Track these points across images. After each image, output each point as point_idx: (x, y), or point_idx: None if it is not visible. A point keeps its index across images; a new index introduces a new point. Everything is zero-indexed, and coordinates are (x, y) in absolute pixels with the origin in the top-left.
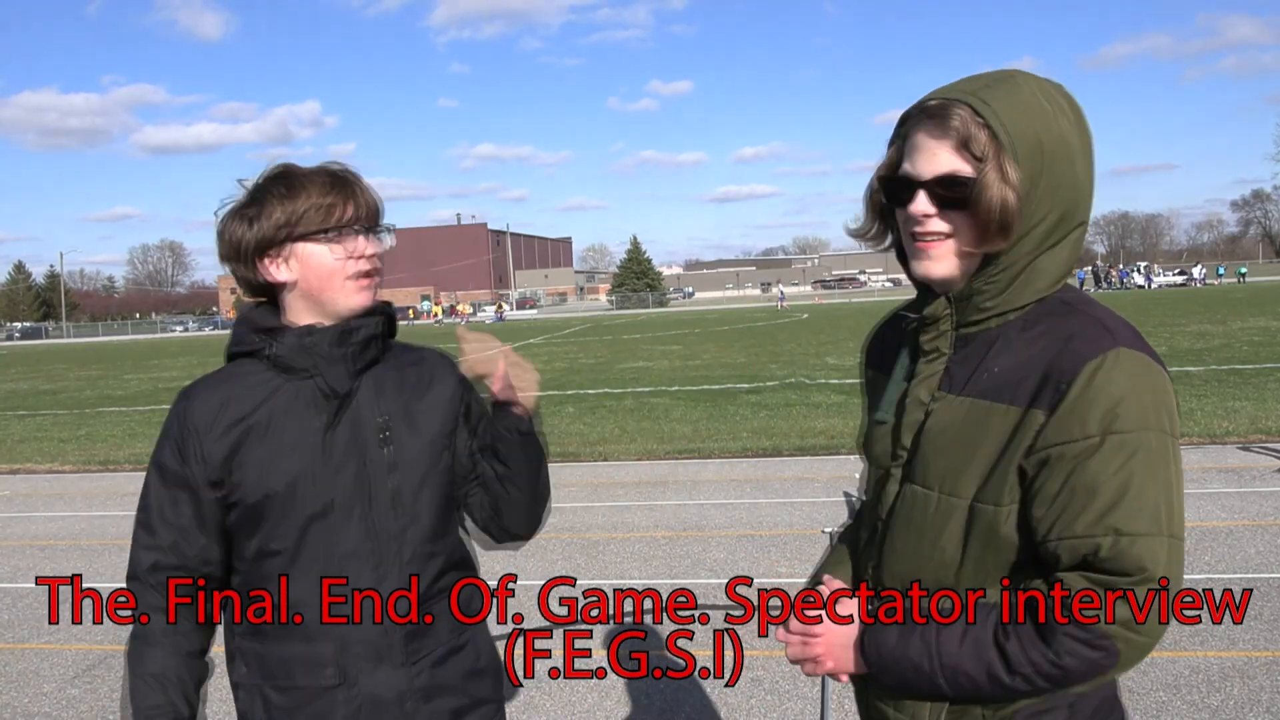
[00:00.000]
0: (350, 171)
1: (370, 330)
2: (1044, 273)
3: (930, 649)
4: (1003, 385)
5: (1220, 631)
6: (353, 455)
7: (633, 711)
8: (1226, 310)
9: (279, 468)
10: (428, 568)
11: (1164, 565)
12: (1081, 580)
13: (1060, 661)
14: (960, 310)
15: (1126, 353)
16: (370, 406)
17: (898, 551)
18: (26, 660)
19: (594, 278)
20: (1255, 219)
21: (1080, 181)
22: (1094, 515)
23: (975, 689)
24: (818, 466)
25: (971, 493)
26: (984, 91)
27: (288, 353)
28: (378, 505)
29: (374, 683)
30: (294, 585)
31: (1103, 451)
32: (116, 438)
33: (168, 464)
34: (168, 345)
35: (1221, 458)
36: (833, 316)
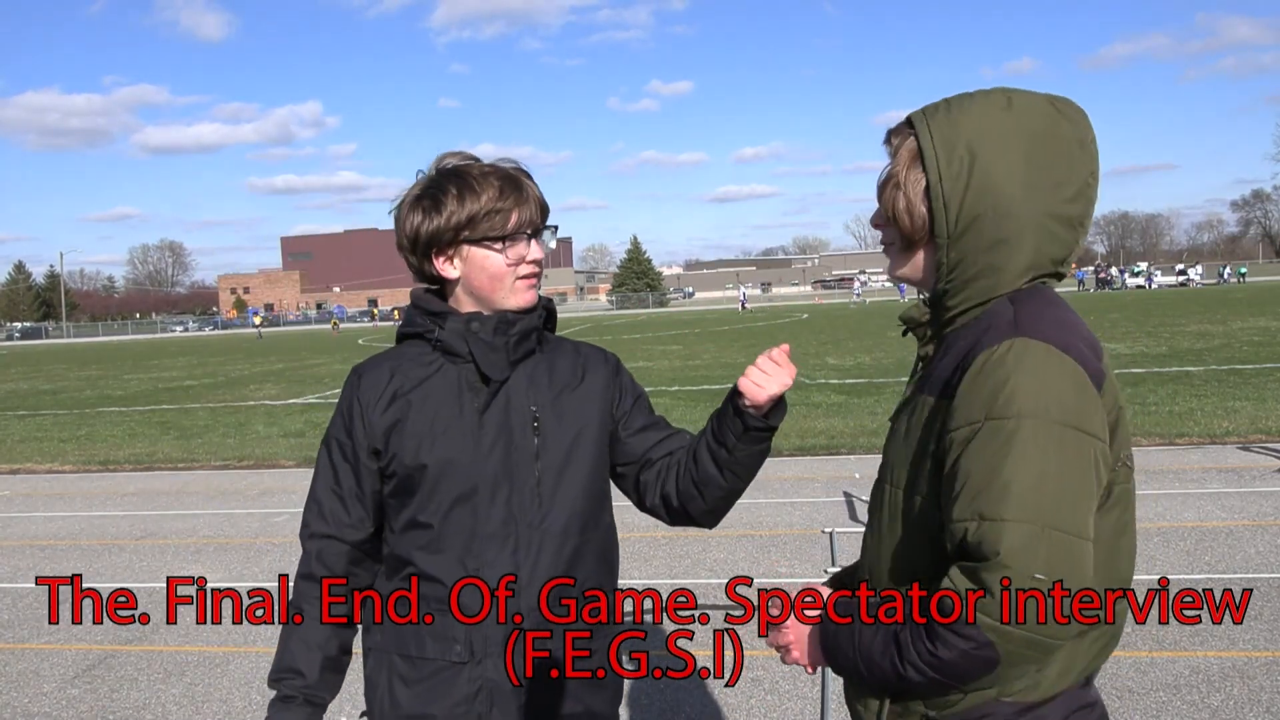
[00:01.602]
0: (523, 174)
1: (530, 323)
2: (1003, 270)
3: (854, 639)
4: (935, 379)
5: (1220, 631)
6: (502, 440)
7: (633, 711)
8: (1226, 310)
9: (434, 443)
10: (569, 561)
11: (1027, 553)
12: (955, 568)
13: (936, 651)
14: (935, 311)
15: (1023, 342)
16: (523, 395)
17: (869, 545)
18: (26, 660)
19: (594, 278)
20: (1255, 219)
21: (1038, 185)
22: (966, 500)
23: (884, 679)
24: (818, 466)
25: (906, 484)
26: (933, 107)
27: (450, 338)
28: (521, 491)
29: (499, 667)
30: (436, 559)
31: (980, 436)
32: (116, 438)
33: (336, 435)
34: (168, 345)
35: (1221, 458)
36: (832, 317)
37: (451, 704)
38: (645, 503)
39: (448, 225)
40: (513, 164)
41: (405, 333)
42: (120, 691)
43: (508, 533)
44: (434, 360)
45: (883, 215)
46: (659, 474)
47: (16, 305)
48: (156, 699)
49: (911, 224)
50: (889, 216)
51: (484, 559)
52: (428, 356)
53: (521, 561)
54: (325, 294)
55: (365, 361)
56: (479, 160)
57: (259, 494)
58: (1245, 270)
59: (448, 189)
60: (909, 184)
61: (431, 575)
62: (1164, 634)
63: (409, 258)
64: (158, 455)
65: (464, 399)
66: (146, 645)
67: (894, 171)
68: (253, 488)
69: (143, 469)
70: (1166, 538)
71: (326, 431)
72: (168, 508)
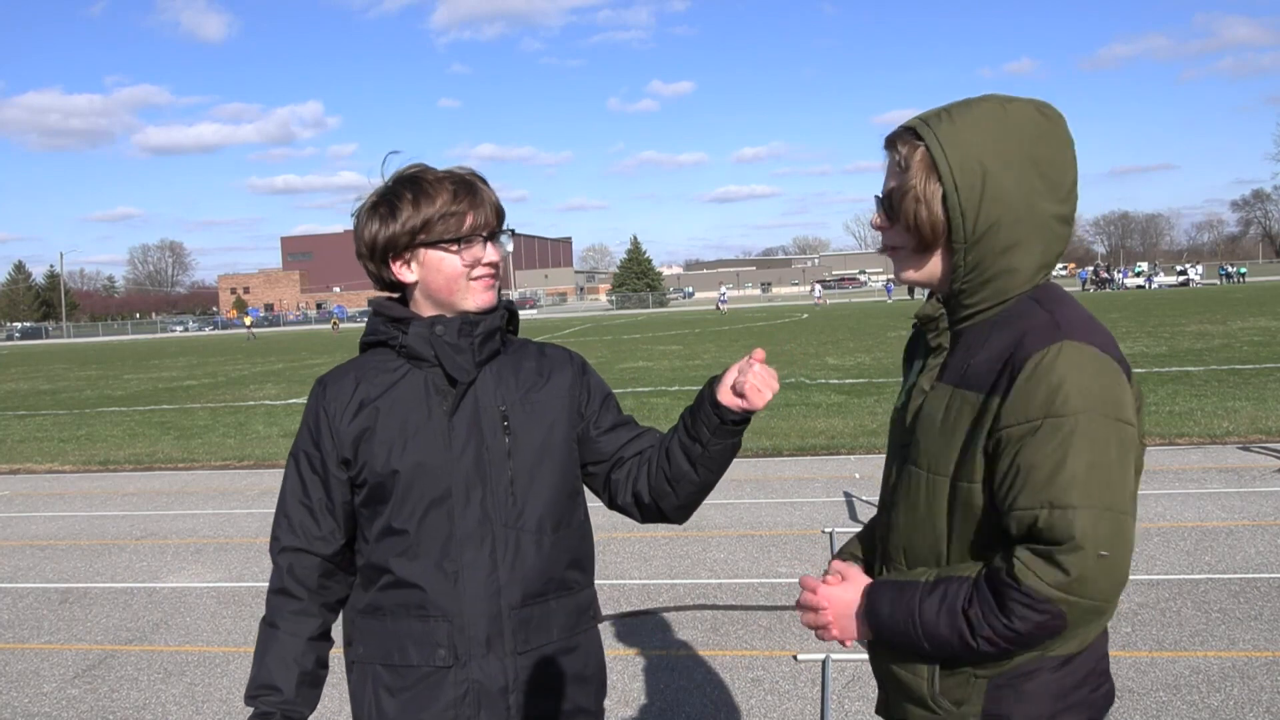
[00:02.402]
0: (477, 178)
1: (493, 324)
2: (1018, 270)
3: (913, 617)
4: (975, 375)
5: (1220, 631)
6: (473, 441)
7: (633, 711)
8: (1226, 310)
9: (404, 448)
10: (545, 559)
11: (1094, 533)
12: (1025, 549)
13: (1013, 625)
14: (950, 309)
15: (1070, 344)
16: (491, 395)
17: (899, 525)
18: (26, 660)
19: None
20: (1255, 219)
21: (1040, 189)
22: (1033, 490)
23: (952, 651)
24: (818, 466)
25: (952, 471)
26: (934, 116)
27: (415, 342)
28: (495, 491)
29: (484, 669)
30: (414, 564)
31: (1040, 433)
32: (116, 438)
33: (304, 448)
34: (167, 345)
35: (1221, 458)
36: (832, 317)
37: (439, 709)
38: (616, 500)
39: (403, 230)
40: (469, 172)
41: (368, 341)
42: (120, 691)
43: (484, 533)
44: (399, 366)
45: (900, 222)
46: (629, 472)
47: (16, 305)
48: (156, 699)
49: (932, 231)
50: (909, 225)
51: (462, 561)
52: (392, 363)
53: (500, 561)
54: (325, 294)
55: (329, 372)
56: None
57: (259, 494)
58: (1245, 270)
59: (403, 195)
60: (927, 194)
61: (410, 581)
62: (1164, 634)
63: (368, 265)
64: (158, 455)
65: (432, 402)
66: (146, 645)
67: (912, 183)
68: (253, 488)
69: (143, 469)
70: (1166, 538)
71: (294, 444)
72: (168, 508)
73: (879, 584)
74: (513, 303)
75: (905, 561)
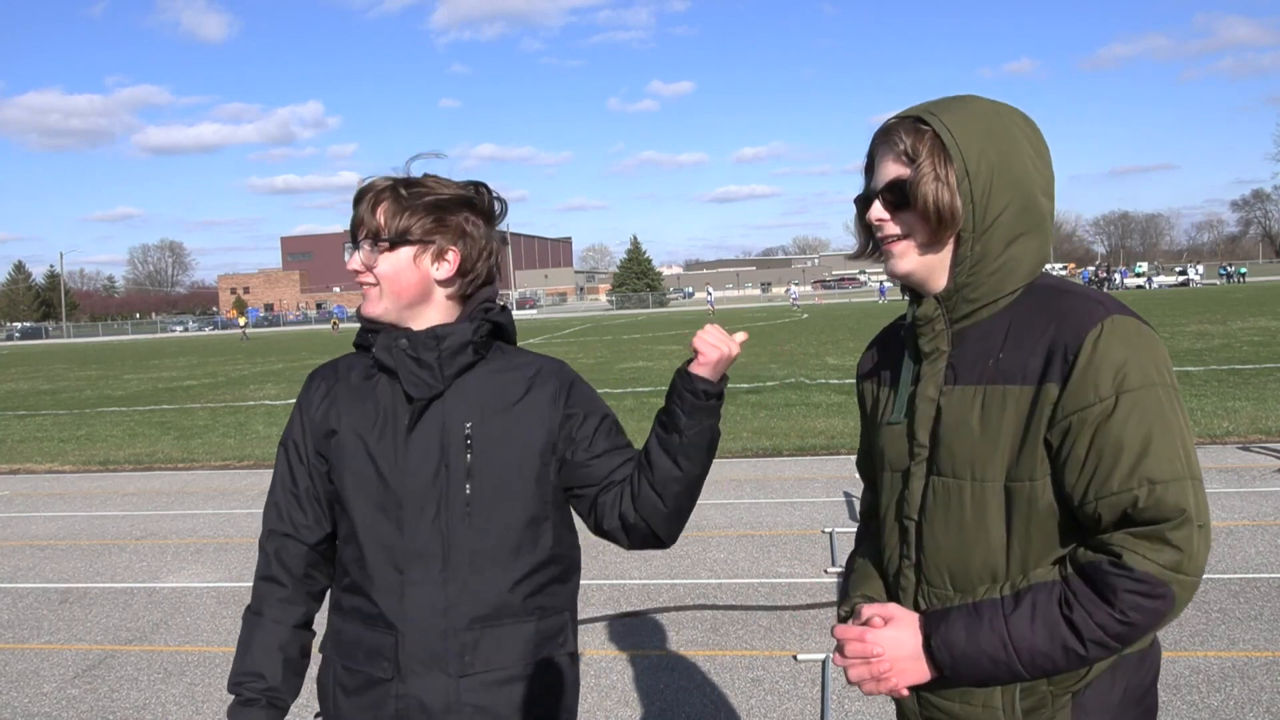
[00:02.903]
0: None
1: (461, 337)
2: (1022, 260)
3: (1003, 638)
4: (1012, 367)
5: (1220, 631)
6: (432, 459)
7: (632, 711)
8: (1226, 310)
9: (362, 457)
10: (502, 583)
11: (1194, 505)
12: (1126, 536)
13: (1126, 618)
14: (950, 307)
15: (1119, 319)
16: (457, 412)
17: (940, 545)
18: (26, 660)
19: (594, 278)
20: (1255, 219)
21: (1035, 177)
22: (1125, 470)
23: (1054, 666)
24: (818, 466)
25: (1003, 474)
26: (933, 104)
27: (380, 353)
28: (452, 510)
29: (423, 686)
30: (364, 572)
31: (1119, 410)
32: (116, 438)
33: (291, 436)
34: (167, 345)
35: (1221, 458)
36: (832, 317)
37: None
38: (602, 525)
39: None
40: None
41: (358, 343)
42: (120, 691)
43: (434, 551)
44: (373, 372)
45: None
46: (616, 496)
47: (16, 305)
48: (156, 699)
49: (952, 216)
50: (927, 211)
51: (410, 576)
52: (369, 368)
53: (449, 581)
54: (325, 294)
55: (320, 367)
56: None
57: (259, 494)
58: (1245, 270)
59: None
60: (947, 179)
61: (362, 586)
62: (1164, 634)
63: None
64: (158, 455)
65: (396, 414)
66: (146, 645)
67: (927, 169)
68: (253, 488)
69: (143, 469)
70: None
71: (284, 432)
72: (168, 508)
73: (940, 615)
74: (492, 308)
75: (952, 585)
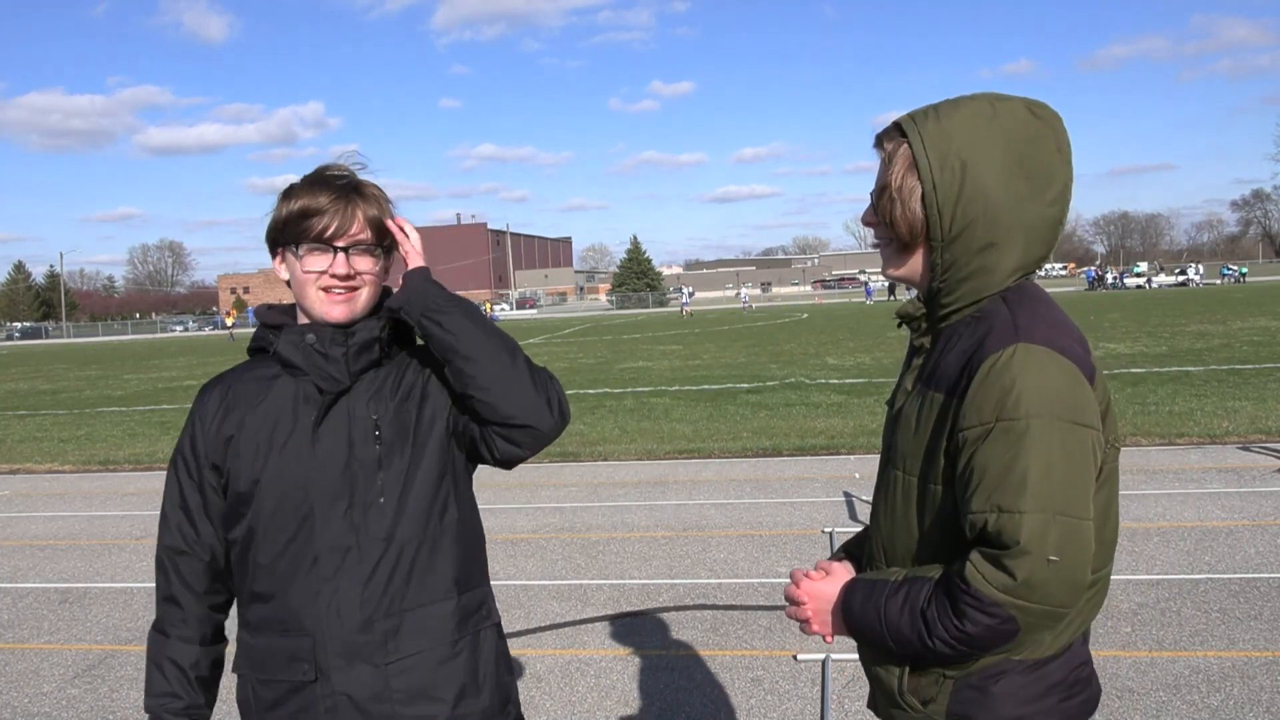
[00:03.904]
0: (354, 184)
1: (370, 333)
2: (993, 271)
3: (880, 614)
4: (941, 375)
5: (1220, 631)
6: (341, 453)
7: (633, 711)
8: (1226, 310)
9: (267, 459)
10: (416, 567)
11: (1041, 538)
12: (977, 554)
13: (964, 628)
14: (930, 308)
15: (1025, 347)
16: (364, 405)
17: (880, 525)
18: (26, 660)
19: (594, 278)
20: (1255, 219)
21: (1023, 191)
22: (984, 494)
23: (913, 651)
24: (818, 466)
25: (921, 472)
26: (921, 113)
27: (285, 349)
28: (362, 503)
29: (348, 681)
30: (274, 579)
31: (993, 435)
32: (116, 438)
33: (181, 452)
34: (167, 345)
35: (1221, 458)
36: (832, 317)
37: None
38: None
39: (272, 225)
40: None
41: (253, 347)
42: (120, 691)
43: (348, 545)
44: (273, 374)
45: (880, 219)
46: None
47: (16, 305)
48: None
49: (909, 229)
50: (887, 222)
51: (323, 573)
52: (270, 371)
53: (366, 574)
54: None
55: (212, 378)
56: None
57: None
58: (1245, 270)
59: (291, 187)
60: (905, 191)
61: (272, 595)
62: (1164, 634)
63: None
64: (158, 455)
65: (300, 412)
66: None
67: (890, 179)
68: None
69: (143, 469)
70: (1166, 538)
71: (174, 449)
72: None
73: (854, 581)
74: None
75: (885, 560)
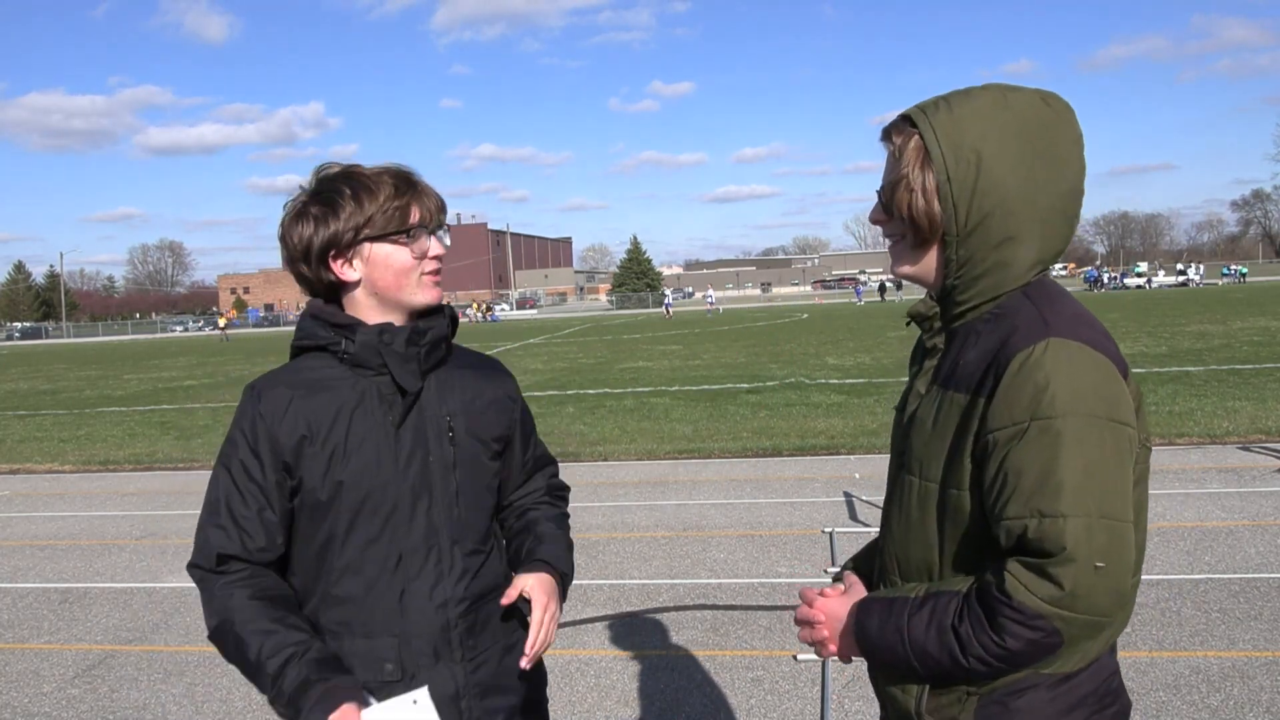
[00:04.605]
0: (414, 174)
1: (440, 331)
2: (1011, 265)
3: (902, 634)
4: (962, 375)
5: (1220, 631)
6: (419, 452)
7: (633, 711)
8: (1226, 310)
9: (348, 459)
10: (484, 565)
11: (1088, 544)
12: (1016, 562)
13: (1004, 644)
14: (944, 306)
15: (1057, 342)
16: (436, 405)
17: (894, 534)
18: (26, 660)
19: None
20: (1255, 219)
21: (1040, 182)
22: (1021, 498)
23: (941, 670)
24: (818, 466)
25: (941, 477)
26: (931, 105)
27: (361, 350)
28: (440, 502)
29: (432, 679)
30: (356, 580)
31: (1028, 435)
32: (116, 438)
33: (237, 457)
34: (167, 345)
35: (1221, 458)
36: (832, 317)
37: None
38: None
39: (347, 226)
40: (405, 168)
41: (303, 345)
42: (120, 691)
43: (430, 546)
44: (340, 374)
45: (895, 215)
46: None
47: (16, 305)
48: (156, 699)
49: (929, 223)
50: (903, 216)
51: (407, 573)
52: (331, 370)
53: (446, 574)
54: None
55: (263, 378)
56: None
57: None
58: (1245, 270)
59: (342, 191)
60: (921, 184)
61: (353, 596)
62: (1164, 634)
63: (302, 269)
64: (158, 455)
65: (378, 412)
66: (146, 645)
67: (904, 172)
68: None
69: (143, 469)
70: (1166, 538)
71: (223, 452)
72: (168, 508)
73: (868, 600)
74: (452, 306)
75: (900, 573)
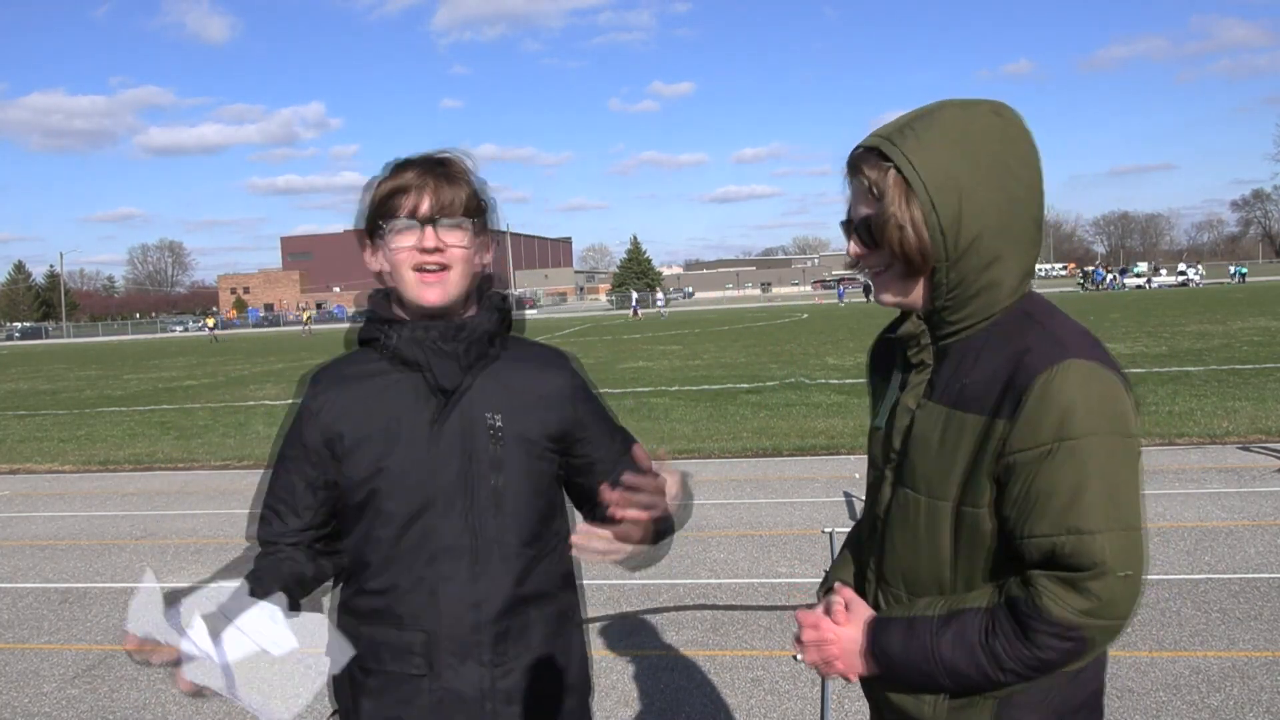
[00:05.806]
0: (449, 160)
1: (486, 327)
2: (1001, 284)
3: (929, 653)
4: (972, 395)
5: (1220, 631)
6: (459, 451)
7: (632, 711)
8: (1226, 310)
9: (387, 454)
10: (526, 571)
11: (1118, 556)
12: (1047, 577)
13: (1040, 654)
14: (932, 326)
15: (1075, 363)
16: (481, 404)
17: (896, 549)
18: (26, 660)
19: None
20: (1255, 219)
21: (1016, 196)
22: (1053, 516)
23: (975, 684)
24: (818, 466)
25: (955, 495)
26: (897, 134)
27: (402, 345)
28: (479, 503)
29: (458, 678)
30: (391, 573)
31: (1056, 456)
32: (116, 438)
33: (288, 446)
34: (167, 345)
35: (1221, 458)
36: (832, 317)
37: (415, 715)
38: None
39: (363, 211)
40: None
41: (362, 338)
42: (120, 691)
43: (464, 545)
44: (385, 369)
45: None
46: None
47: (16, 305)
48: (156, 699)
49: (921, 256)
50: (895, 252)
51: (441, 572)
52: (380, 364)
53: (480, 574)
54: (325, 294)
55: (318, 369)
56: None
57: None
58: (1245, 270)
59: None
60: (909, 219)
61: (386, 589)
62: (1164, 634)
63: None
64: (158, 455)
65: (419, 408)
66: None
67: (890, 210)
68: (253, 488)
69: (143, 469)
70: (1166, 538)
71: (281, 438)
72: (168, 508)
73: (884, 621)
74: (506, 300)
75: (905, 588)
